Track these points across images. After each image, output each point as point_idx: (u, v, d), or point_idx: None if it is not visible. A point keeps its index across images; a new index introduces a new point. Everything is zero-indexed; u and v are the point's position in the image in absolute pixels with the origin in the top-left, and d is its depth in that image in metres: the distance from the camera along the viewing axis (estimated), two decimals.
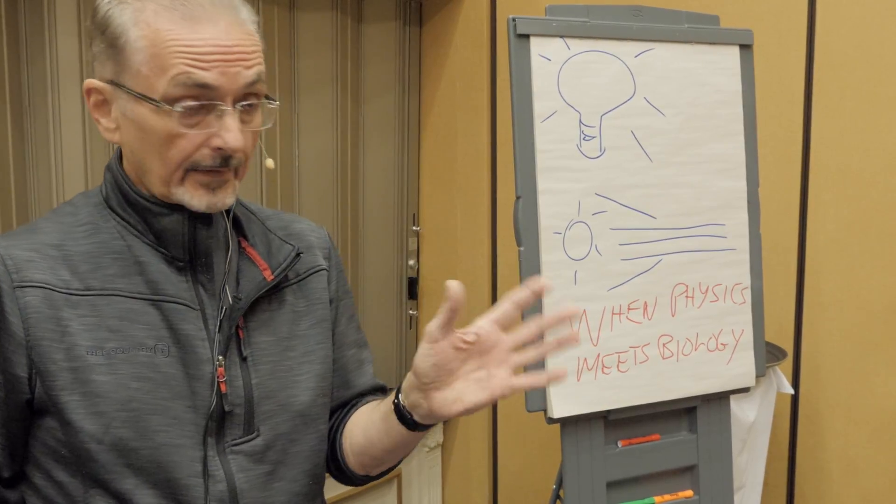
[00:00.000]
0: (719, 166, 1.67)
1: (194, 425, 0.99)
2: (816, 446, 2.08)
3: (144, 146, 0.98)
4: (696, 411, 1.68)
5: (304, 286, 1.12)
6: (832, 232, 2.02)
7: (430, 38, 2.62)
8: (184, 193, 0.99)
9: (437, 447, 2.72)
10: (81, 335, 0.96)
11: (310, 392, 1.09)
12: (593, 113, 1.55)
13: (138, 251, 1.01)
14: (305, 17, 2.32)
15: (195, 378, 1.00)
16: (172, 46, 0.95)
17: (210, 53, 0.95)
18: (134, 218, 1.02)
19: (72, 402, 0.96)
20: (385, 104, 2.57)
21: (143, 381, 0.97)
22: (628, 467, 1.63)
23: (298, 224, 1.18)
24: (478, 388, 0.99)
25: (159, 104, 0.95)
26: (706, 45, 1.65)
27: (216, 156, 0.98)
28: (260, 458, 1.04)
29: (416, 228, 2.70)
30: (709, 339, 1.67)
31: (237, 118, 0.97)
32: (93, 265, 0.99)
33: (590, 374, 1.56)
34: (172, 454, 0.98)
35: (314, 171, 2.38)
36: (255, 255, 1.08)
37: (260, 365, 1.05)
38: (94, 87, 1.00)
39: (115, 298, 0.99)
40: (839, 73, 1.99)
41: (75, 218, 1.03)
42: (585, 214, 1.55)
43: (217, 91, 0.96)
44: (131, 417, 0.97)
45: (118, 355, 0.97)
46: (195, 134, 0.97)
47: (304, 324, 1.11)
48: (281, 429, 1.06)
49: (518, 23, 1.50)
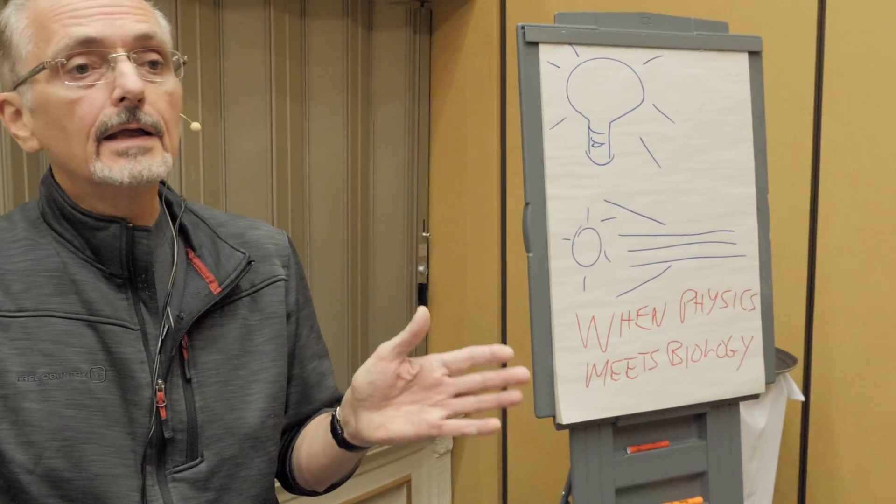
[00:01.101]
0: (728, 173, 1.67)
1: (132, 453, 0.94)
2: (827, 453, 2.07)
3: (54, 131, 0.93)
4: (705, 418, 1.67)
5: (258, 298, 1.06)
6: (842, 238, 2.02)
7: (440, 46, 2.63)
8: (103, 168, 0.92)
9: (447, 453, 2.72)
10: (12, 360, 0.91)
11: (259, 413, 1.03)
12: (602, 120, 1.56)
13: (74, 269, 0.95)
14: (316, 24, 2.33)
15: (133, 404, 0.94)
16: (51, 14, 0.91)
17: (89, 8, 0.91)
18: (70, 233, 0.96)
19: (2, 432, 0.90)
20: (395, 111, 2.58)
21: (78, 408, 0.92)
22: (637, 474, 1.62)
23: (255, 231, 1.11)
24: (406, 421, 0.95)
25: (46, 64, 0.90)
26: (715, 51, 1.65)
27: (121, 110, 0.91)
28: (203, 485, 0.99)
29: (426, 234, 2.71)
30: (718, 346, 1.66)
31: (133, 66, 0.91)
32: (26, 284, 0.94)
33: (599, 381, 1.56)
34: (109, 484, 0.93)
35: (324, 178, 2.39)
36: (202, 267, 1.02)
37: (206, 387, 0.99)
38: (2, 99, 0.97)
39: (49, 320, 0.93)
40: (848, 79, 1.99)
41: (11, 233, 0.97)
42: (594, 221, 1.56)
43: (104, 42, 0.91)
44: (64, 447, 0.91)
45: (51, 381, 0.91)
46: (94, 93, 0.91)
47: (256, 339, 1.05)
48: (227, 453, 1.00)
49: (527, 30, 1.50)
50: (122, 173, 0.92)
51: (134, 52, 0.92)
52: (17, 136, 0.97)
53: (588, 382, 1.55)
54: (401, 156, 2.61)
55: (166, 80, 0.96)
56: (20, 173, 1.81)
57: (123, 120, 0.91)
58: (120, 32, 0.91)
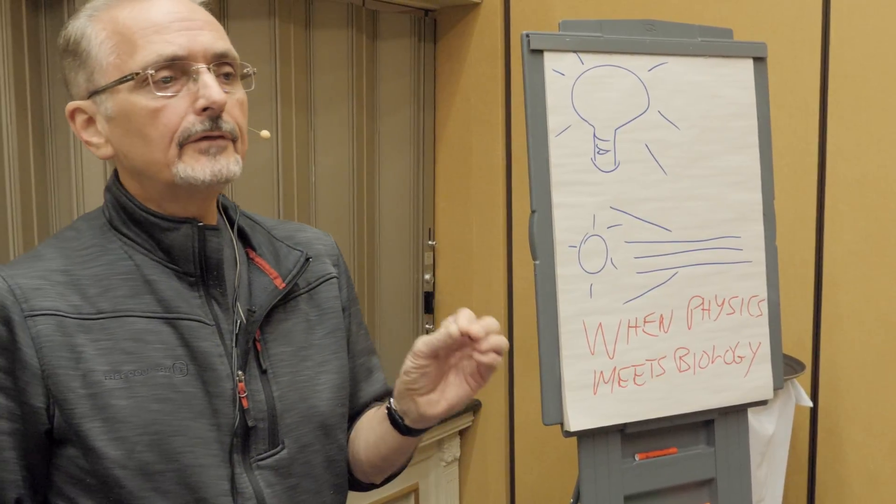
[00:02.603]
0: (734, 179, 1.67)
1: (219, 443, 0.98)
2: (836, 459, 2.07)
3: (132, 138, 0.97)
4: (713, 424, 1.67)
5: (315, 295, 1.12)
6: (849, 243, 2.02)
7: (445, 54, 2.64)
8: (185, 168, 0.97)
9: (455, 461, 2.71)
10: (97, 360, 0.95)
11: (329, 402, 1.08)
12: (607, 127, 1.56)
13: (147, 270, 1.00)
14: (321, 34, 2.34)
15: (215, 395, 0.98)
16: (134, 27, 0.96)
17: (173, 22, 0.96)
18: (141, 236, 1.01)
19: (94, 430, 0.94)
20: (400, 119, 2.58)
21: (163, 402, 0.96)
22: (646, 481, 1.62)
23: (304, 233, 1.17)
24: (456, 385, 1.03)
25: (134, 75, 0.95)
26: (720, 58, 1.65)
27: (204, 119, 0.97)
28: (285, 471, 1.03)
29: (432, 243, 2.71)
30: (725, 352, 1.66)
31: (214, 77, 0.97)
32: (102, 288, 0.98)
33: (606, 388, 1.56)
34: (199, 475, 0.97)
35: (330, 187, 2.39)
36: (264, 264, 1.07)
37: (280, 377, 1.04)
38: (75, 107, 1.01)
39: (128, 319, 0.97)
40: (854, 85, 1.99)
41: (79, 242, 1.01)
42: (600, 228, 1.56)
43: (188, 57, 0.96)
44: (154, 440, 0.95)
45: (136, 377, 0.96)
46: (176, 102, 0.96)
47: (317, 333, 1.10)
48: (304, 440, 1.05)
49: (532, 38, 1.51)
50: (205, 171, 0.97)
51: (213, 65, 0.98)
52: (89, 142, 1.01)
53: (596, 389, 1.55)
54: (406, 164, 2.62)
55: (237, 90, 1.02)
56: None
57: (207, 128, 0.97)
58: (202, 49, 0.97)
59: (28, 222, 1.85)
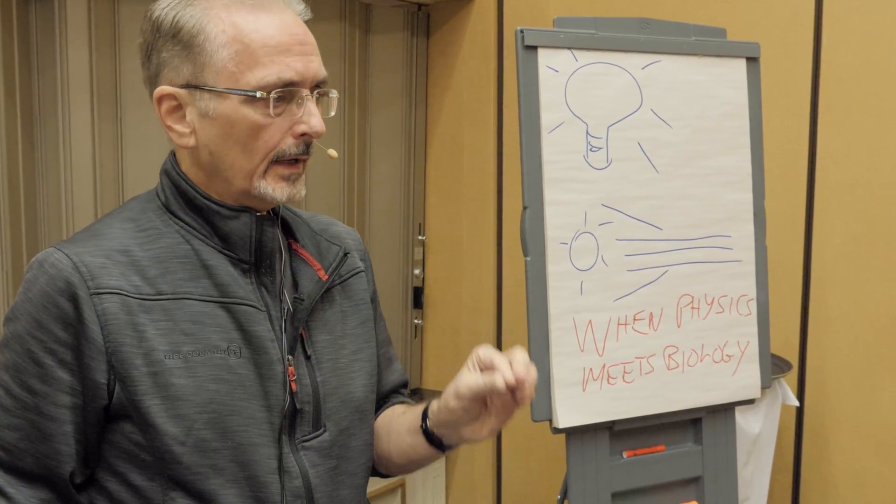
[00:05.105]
0: (726, 178, 1.67)
1: (269, 424, 1.02)
2: (822, 459, 2.08)
3: (228, 143, 1.00)
4: (701, 423, 1.68)
5: (346, 287, 1.16)
6: (838, 245, 2.03)
7: (438, 49, 2.63)
8: (266, 186, 1.02)
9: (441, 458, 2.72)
10: (157, 340, 0.98)
11: (363, 388, 1.13)
12: (600, 124, 1.56)
13: (205, 255, 1.03)
14: (313, 28, 2.31)
15: (267, 378, 1.02)
16: (259, 42, 0.99)
17: (294, 45, 1.01)
18: (198, 221, 1.04)
19: (154, 406, 0.97)
20: (392, 114, 2.58)
21: (220, 382, 0.99)
22: (633, 478, 1.62)
23: (335, 227, 1.22)
24: (494, 414, 1.07)
25: (253, 94, 0.98)
26: (713, 57, 1.66)
27: (300, 143, 1.02)
28: (327, 452, 1.07)
29: (422, 238, 2.71)
30: (714, 351, 1.67)
31: (315, 104, 1.02)
32: (161, 270, 1.00)
33: (595, 385, 1.56)
34: (251, 453, 1.01)
35: (321, 180, 2.39)
36: (308, 256, 1.11)
37: (322, 363, 1.08)
38: (167, 93, 1.01)
39: (187, 302, 1.00)
40: (845, 87, 1.99)
41: (136, 223, 1.04)
42: (592, 225, 1.56)
43: (301, 83, 1.00)
44: (212, 419, 0.99)
45: (195, 358, 0.99)
46: (280, 123, 1.00)
47: (350, 323, 1.14)
48: (343, 424, 1.09)
49: (526, 34, 1.51)
50: (283, 194, 1.03)
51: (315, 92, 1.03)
52: (171, 128, 1.02)
53: (585, 387, 1.55)
54: (397, 159, 2.61)
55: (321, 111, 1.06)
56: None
57: (301, 152, 1.03)
58: (312, 75, 1.02)
59: (16, 211, 1.84)
